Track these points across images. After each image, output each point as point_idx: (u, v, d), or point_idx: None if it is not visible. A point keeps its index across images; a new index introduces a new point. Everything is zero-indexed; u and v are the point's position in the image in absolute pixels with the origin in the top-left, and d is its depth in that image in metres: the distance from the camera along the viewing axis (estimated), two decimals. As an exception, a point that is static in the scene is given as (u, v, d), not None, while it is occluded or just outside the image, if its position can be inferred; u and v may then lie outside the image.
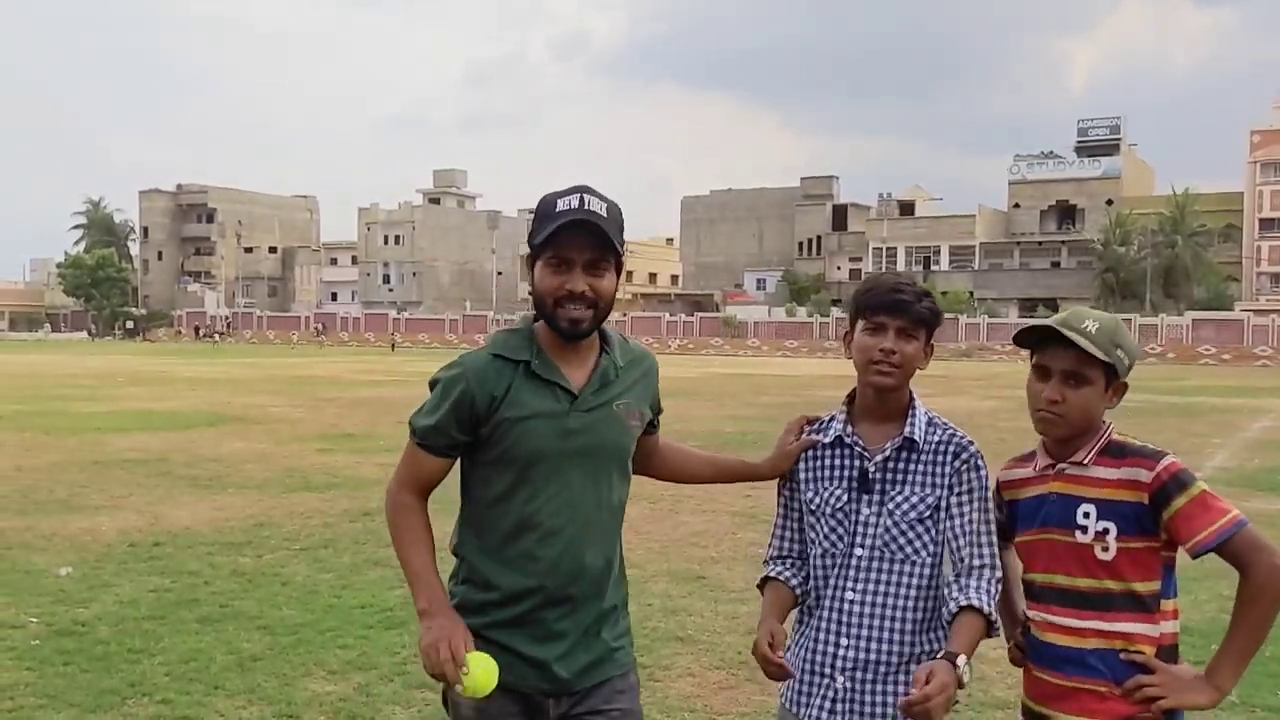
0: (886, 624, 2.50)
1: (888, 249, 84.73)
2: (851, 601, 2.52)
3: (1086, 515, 2.40)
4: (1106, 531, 2.38)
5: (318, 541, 8.65)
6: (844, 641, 2.51)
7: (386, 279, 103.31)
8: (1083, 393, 2.43)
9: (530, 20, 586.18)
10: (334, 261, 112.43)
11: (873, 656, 2.49)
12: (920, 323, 2.52)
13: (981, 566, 2.49)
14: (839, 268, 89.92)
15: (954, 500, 2.51)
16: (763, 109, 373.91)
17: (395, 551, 2.58)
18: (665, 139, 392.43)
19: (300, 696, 5.10)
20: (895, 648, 2.49)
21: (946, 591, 2.51)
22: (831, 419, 2.65)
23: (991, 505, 2.57)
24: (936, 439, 2.55)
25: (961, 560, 2.50)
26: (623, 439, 2.56)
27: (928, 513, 2.51)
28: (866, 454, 2.55)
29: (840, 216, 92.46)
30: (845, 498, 2.55)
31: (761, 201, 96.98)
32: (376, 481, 11.93)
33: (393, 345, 76.85)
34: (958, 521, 2.51)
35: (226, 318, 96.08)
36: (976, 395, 28.89)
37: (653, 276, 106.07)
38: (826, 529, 2.57)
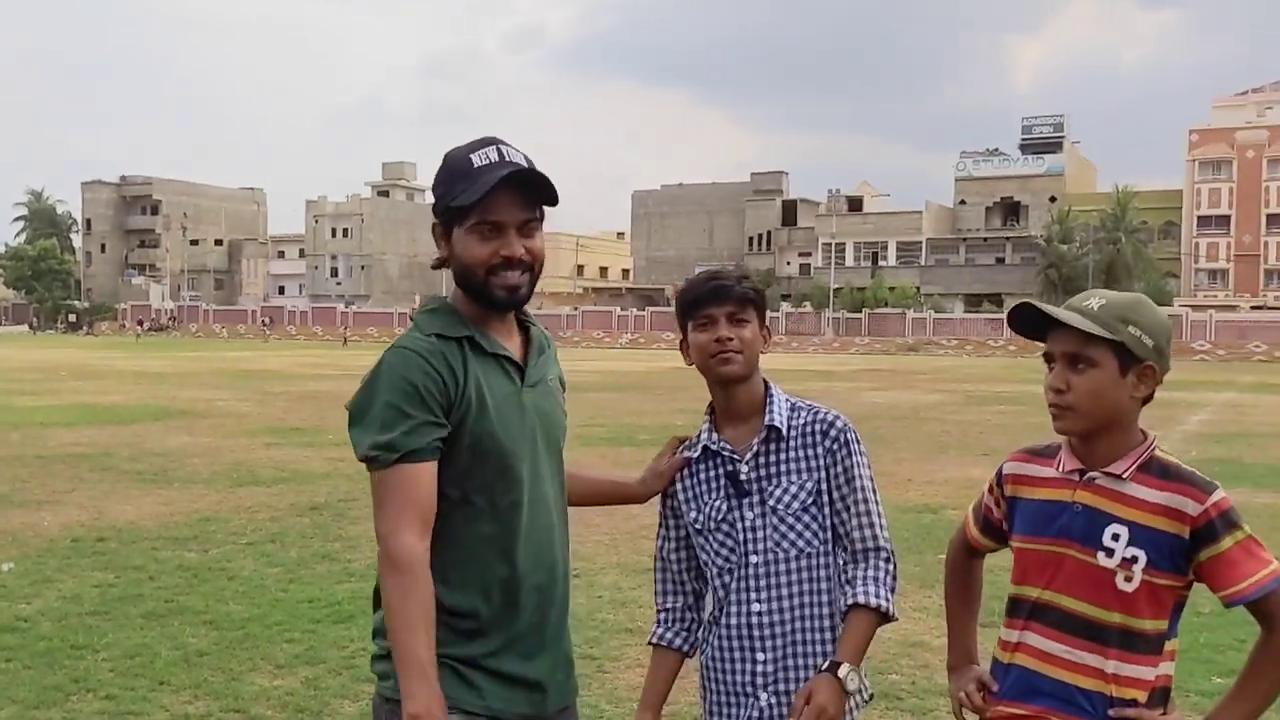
0: (801, 625, 2.38)
1: (836, 244, 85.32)
2: (759, 613, 2.39)
3: (1115, 537, 2.09)
4: (1135, 560, 2.08)
5: (265, 536, 8.59)
6: (760, 656, 2.39)
7: (334, 272, 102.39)
8: (1090, 377, 2.10)
9: (486, 13, 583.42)
10: (281, 255, 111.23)
11: (793, 664, 2.38)
12: (747, 303, 2.41)
13: (868, 551, 2.40)
14: (789, 263, 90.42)
15: (834, 486, 2.42)
16: (714, 104, 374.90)
17: (390, 624, 2.03)
18: (619, 133, 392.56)
19: (247, 691, 5.08)
20: (813, 648, 2.38)
21: (841, 584, 2.43)
22: (700, 434, 2.53)
23: (871, 481, 2.44)
24: (801, 421, 2.44)
25: (849, 548, 2.41)
26: (563, 418, 2.36)
27: (810, 500, 2.40)
28: (736, 456, 2.44)
29: (790, 212, 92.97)
30: (725, 507, 2.44)
31: (712, 196, 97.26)
32: (324, 476, 11.87)
33: (344, 339, 76.15)
34: (841, 510, 2.42)
35: (171, 311, 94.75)
36: (923, 389, 29.22)
37: (604, 270, 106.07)
38: (716, 544, 2.45)
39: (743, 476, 2.43)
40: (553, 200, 2.20)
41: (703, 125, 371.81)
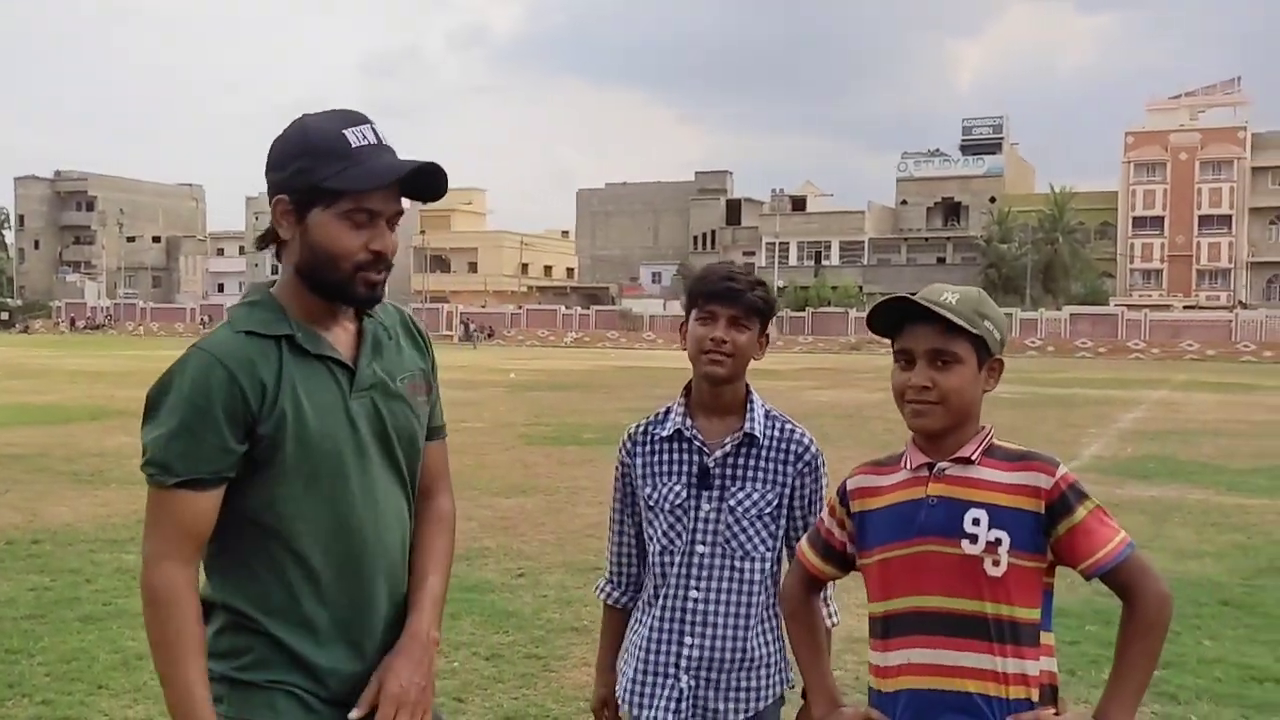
0: (732, 620, 2.47)
1: (780, 243, 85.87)
2: (696, 600, 2.47)
3: (976, 522, 2.05)
4: (999, 542, 2.03)
5: (205, 537, 8.47)
6: (689, 640, 2.47)
7: (275, 269, 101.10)
8: (955, 373, 2.07)
9: (430, 11, 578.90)
10: (221, 252, 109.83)
11: (718, 655, 2.46)
12: (752, 312, 2.46)
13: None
14: (733, 262, 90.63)
15: (796, 504, 2.51)
16: (660, 104, 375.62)
17: (157, 658, 1.88)
18: (565, 132, 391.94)
19: (188, 694, 5.01)
20: (739, 643, 2.47)
21: None
22: (669, 411, 2.56)
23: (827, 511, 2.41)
24: (776, 434, 2.51)
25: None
26: (412, 423, 2.08)
27: (769, 509, 2.48)
28: (706, 449, 2.48)
29: (734, 211, 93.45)
30: (685, 494, 2.49)
31: (657, 195, 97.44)
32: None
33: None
34: (801, 529, 2.50)
35: (107, 309, 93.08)
36: (865, 388, 29.46)
37: (548, 269, 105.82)
38: (665, 525, 2.50)
39: (711, 470, 2.48)
40: (440, 195, 2.02)
41: (648, 125, 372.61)
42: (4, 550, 7.88)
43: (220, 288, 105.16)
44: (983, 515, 2.04)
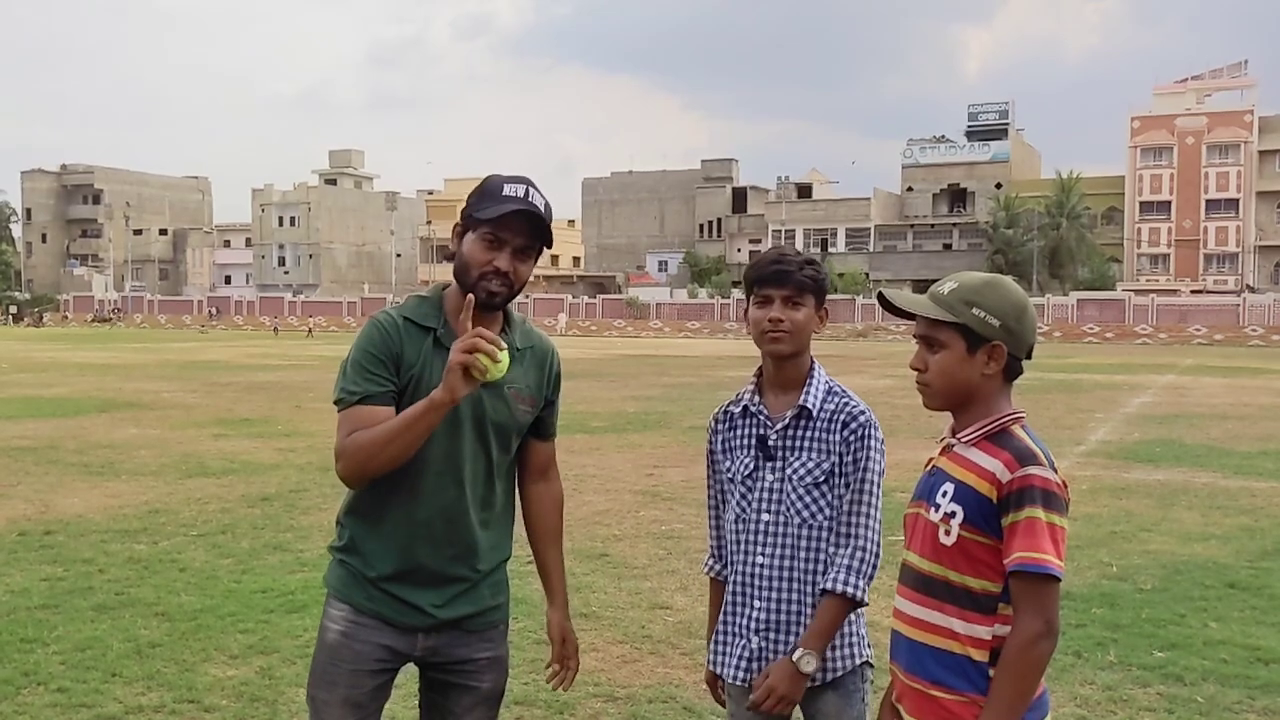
0: (794, 584, 2.64)
1: (786, 231, 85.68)
2: (761, 565, 2.66)
3: (944, 494, 2.24)
4: (953, 515, 2.21)
5: (216, 527, 8.52)
6: (756, 604, 2.67)
7: (282, 261, 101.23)
8: (939, 358, 2.29)
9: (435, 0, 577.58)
10: (227, 244, 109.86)
11: (782, 617, 2.64)
12: (803, 290, 2.66)
13: (852, 537, 2.63)
14: (739, 249, 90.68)
15: (844, 471, 2.64)
16: (665, 92, 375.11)
17: (392, 445, 2.47)
18: (570, 121, 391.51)
19: (201, 682, 5.06)
20: (804, 606, 2.63)
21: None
22: (744, 392, 2.78)
23: (878, 475, 2.66)
24: (831, 407, 2.67)
25: (838, 530, 2.65)
26: (509, 419, 2.67)
27: (823, 478, 2.64)
28: (769, 422, 2.69)
29: (740, 199, 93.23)
30: (751, 465, 2.70)
31: (663, 183, 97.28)
32: (274, 466, 11.77)
33: (309, 331, 74.65)
34: (843, 493, 2.64)
35: (115, 302, 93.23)
36: (872, 374, 29.47)
37: (555, 258, 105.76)
38: (738, 496, 2.72)
39: (771, 442, 2.68)
40: (549, 242, 2.63)
41: (653, 113, 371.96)
42: (17, 541, 7.94)
43: (227, 279, 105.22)
44: (950, 489, 2.24)
